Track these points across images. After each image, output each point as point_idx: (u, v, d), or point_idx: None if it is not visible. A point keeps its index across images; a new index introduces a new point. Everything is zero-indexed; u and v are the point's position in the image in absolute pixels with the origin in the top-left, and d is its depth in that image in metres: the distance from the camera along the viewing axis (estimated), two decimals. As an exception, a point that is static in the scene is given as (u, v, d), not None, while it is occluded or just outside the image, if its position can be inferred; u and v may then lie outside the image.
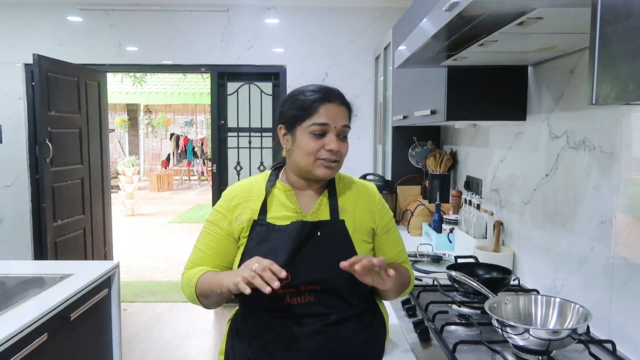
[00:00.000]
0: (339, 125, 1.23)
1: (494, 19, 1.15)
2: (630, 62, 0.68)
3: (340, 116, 1.23)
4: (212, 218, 1.30)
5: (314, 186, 1.29)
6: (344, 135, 1.25)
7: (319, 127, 1.20)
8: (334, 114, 1.22)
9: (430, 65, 1.90)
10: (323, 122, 1.20)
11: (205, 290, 1.21)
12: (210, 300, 1.23)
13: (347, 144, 1.27)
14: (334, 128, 1.22)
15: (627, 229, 1.32)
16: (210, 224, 1.29)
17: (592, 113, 1.51)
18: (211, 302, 1.24)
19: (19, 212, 4.15)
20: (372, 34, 4.14)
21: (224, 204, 1.29)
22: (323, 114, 1.21)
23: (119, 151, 14.15)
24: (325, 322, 1.18)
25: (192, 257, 1.30)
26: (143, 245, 6.80)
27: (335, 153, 1.22)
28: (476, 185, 2.52)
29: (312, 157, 1.21)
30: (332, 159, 1.22)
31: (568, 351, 1.28)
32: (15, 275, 2.06)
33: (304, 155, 1.22)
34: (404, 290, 1.34)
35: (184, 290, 1.28)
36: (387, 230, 1.33)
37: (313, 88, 1.25)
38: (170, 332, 3.80)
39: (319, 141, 1.21)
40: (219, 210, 1.29)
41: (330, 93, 1.24)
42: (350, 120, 1.28)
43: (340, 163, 1.25)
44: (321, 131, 1.21)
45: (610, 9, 0.72)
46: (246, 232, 1.24)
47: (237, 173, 4.39)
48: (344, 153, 1.25)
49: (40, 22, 4.09)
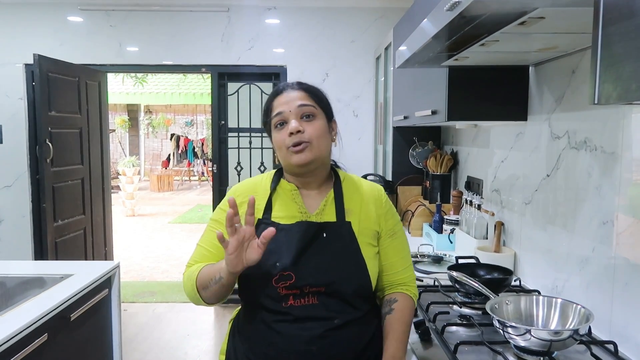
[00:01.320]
0: (294, 107, 1.21)
1: (495, 19, 1.15)
2: (632, 62, 0.67)
3: (295, 98, 1.22)
4: (216, 216, 1.30)
5: (315, 184, 1.28)
6: (306, 114, 1.21)
7: (277, 117, 1.22)
8: (286, 100, 1.22)
9: (431, 65, 1.89)
10: (278, 111, 1.22)
11: (205, 280, 1.18)
12: (209, 292, 1.19)
13: (318, 124, 1.22)
14: (290, 112, 1.21)
15: (629, 229, 1.32)
16: (215, 222, 1.29)
17: (594, 113, 1.51)
18: (211, 294, 1.19)
19: (19, 212, 4.15)
20: (373, 34, 4.14)
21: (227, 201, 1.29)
22: (276, 105, 1.23)
23: (120, 151, 14.16)
24: (328, 326, 1.16)
25: (195, 255, 1.29)
26: (143, 245, 6.80)
27: (297, 135, 1.19)
28: (477, 186, 2.52)
29: (283, 148, 1.21)
30: (297, 141, 1.19)
31: (570, 352, 1.28)
32: (16, 276, 2.06)
33: (279, 151, 1.23)
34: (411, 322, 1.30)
35: (185, 287, 1.25)
36: (392, 234, 1.30)
37: (275, 88, 1.29)
38: (171, 333, 3.80)
39: (283, 131, 1.21)
40: (224, 208, 1.28)
41: (283, 85, 1.27)
42: (315, 101, 1.24)
43: (314, 145, 1.20)
44: (280, 121, 1.22)
45: (613, 9, 0.72)
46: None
47: (237, 173, 4.39)
48: (312, 132, 1.20)
49: (40, 22, 4.08)
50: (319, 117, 1.23)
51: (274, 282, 1.15)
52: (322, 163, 1.26)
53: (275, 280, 1.15)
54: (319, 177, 1.28)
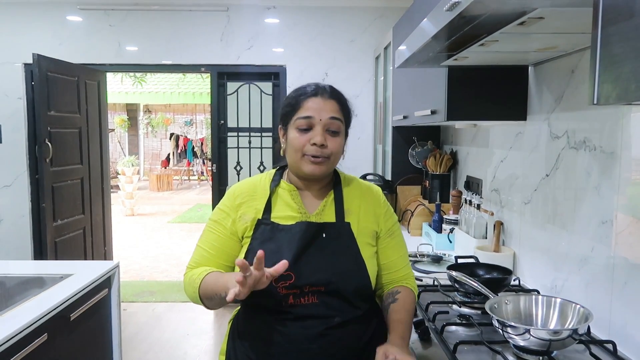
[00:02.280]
0: (325, 117, 1.19)
1: (494, 19, 1.15)
2: (632, 62, 0.67)
3: (327, 109, 1.20)
4: (215, 217, 1.29)
5: (316, 186, 1.28)
6: (333, 129, 1.20)
7: (304, 120, 1.19)
8: (319, 107, 1.20)
9: (430, 65, 1.89)
10: (307, 115, 1.19)
11: (209, 293, 1.17)
12: (214, 302, 1.19)
13: (340, 140, 1.22)
14: (319, 121, 1.19)
15: (628, 229, 1.32)
16: (214, 223, 1.28)
17: (593, 113, 1.51)
18: (215, 304, 1.20)
19: (19, 212, 4.15)
20: (372, 33, 4.14)
21: (228, 202, 1.28)
22: (307, 107, 1.20)
23: (119, 151, 14.15)
24: (328, 324, 1.17)
25: (195, 257, 1.28)
26: (143, 245, 6.80)
27: (320, 148, 1.18)
28: (476, 185, 2.52)
29: (300, 152, 1.20)
30: (318, 154, 1.18)
31: (569, 351, 1.28)
32: (15, 275, 2.06)
33: (293, 152, 1.21)
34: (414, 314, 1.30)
35: (186, 291, 1.25)
36: (390, 234, 1.31)
37: (306, 85, 1.25)
38: (170, 332, 3.80)
39: (306, 136, 1.19)
40: (223, 208, 1.28)
41: (318, 88, 1.23)
42: (344, 116, 1.24)
43: (330, 160, 1.21)
44: (306, 125, 1.19)
45: (612, 9, 0.72)
46: (250, 231, 1.23)
47: (237, 173, 4.39)
48: (334, 149, 1.20)
49: (40, 21, 4.08)
50: (342, 133, 1.24)
51: (274, 282, 1.15)
52: (329, 174, 1.27)
53: (275, 280, 1.15)
54: (322, 181, 1.28)
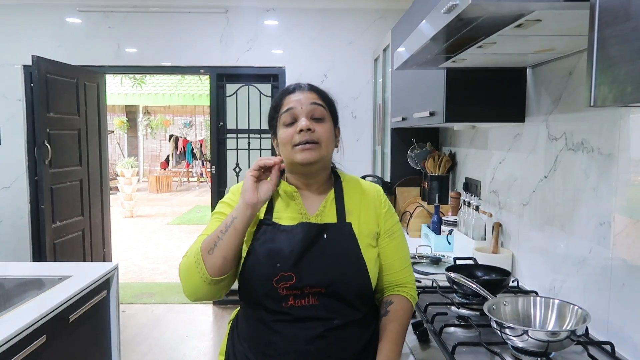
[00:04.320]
0: (306, 104, 1.22)
1: (492, 21, 1.16)
2: (628, 64, 0.68)
3: (307, 98, 1.23)
4: (219, 209, 1.30)
5: (316, 185, 1.28)
6: (317, 116, 1.22)
7: (287, 113, 1.22)
8: (298, 98, 1.23)
9: (429, 66, 1.90)
10: (288, 107, 1.22)
11: (211, 240, 1.15)
12: (217, 252, 1.14)
13: (327, 126, 1.23)
14: (301, 109, 1.21)
15: (626, 230, 1.32)
16: (219, 214, 1.28)
17: (591, 115, 1.51)
18: (218, 254, 1.14)
19: (18, 214, 4.15)
20: (371, 35, 4.15)
21: (232, 197, 1.29)
22: (287, 102, 1.24)
23: (118, 152, 14.14)
24: (328, 326, 1.17)
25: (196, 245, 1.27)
26: (142, 246, 6.79)
27: (308, 133, 1.19)
28: (475, 187, 2.53)
29: (289, 145, 1.21)
30: (306, 140, 1.19)
31: (567, 353, 1.29)
32: (14, 277, 2.06)
33: (284, 147, 1.23)
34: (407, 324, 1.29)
35: (184, 269, 1.19)
36: (390, 234, 1.30)
37: (285, 86, 1.30)
38: (169, 334, 3.80)
39: (292, 128, 1.21)
40: (228, 202, 1.29)
41: (296, 85, 1.27)
42: (325, 103, 1.25)
43: (321, 146, 1.21)
44: (291, 118, 1.22)
45: (609, 11, 0.72)
46: (252, 229, 1.23)
47: (236, 174, 4.39)
48: (322, 133, 1.21)
49: (39, 23, 4.08)
50: (327, 120, 1.25)
51: (275, 283, 1.15)
52: (324, 165, 1.27)
53: (276, 280, 1.16)
54: (320, 179, 1.28)
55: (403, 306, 1.27)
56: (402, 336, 1.24)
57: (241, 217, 1.15)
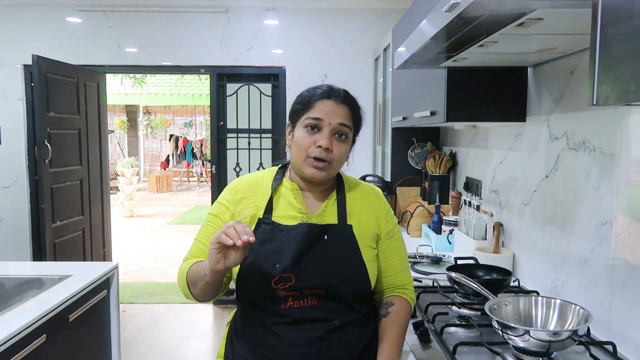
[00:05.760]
0: (334, 122, 1.19)
1: (494, 20, 1.15)
2: (631, 63, 0.68)
3: (338, 114, 1.20)
4: (214, 211, 1.28)
5: (319, 188, 1.27)
6: (340, 134, 1.20)
7: (312, 121, 1.19)
8: (330, 110, 1.19)
9: (429, 66, 1.89)
10: (316, 116, 1.19)
11: (194, 277, 1.18)
12: (197, 289, 1.18)
13: (345, 147, 1.22)
14: (328, 124, 1.19)
15: (627, 230, 1.32)
16: (213, 217, 1.27)
17: (592, 114, 1.51)
18: (199, 291, 1.19)
19: (18, 213, 4.14)
20: (372, 35, 4.14)
21: (228, 196, 1.27)
22: (318, 109, 1.20)
23: (118, 152, 14.15)
24: (328, 327, 1.16)
25: (192, 250, 1.28)
26: (142, 246, 6.79)
27: (325, 152, 1.18)
28: (476, 187, 2.52)
29: (304, 153, 1.19)
30: (322, 158, 1.18)
31: (568, 353, 1.28)
32: (14, 277, 2.06)
33: (297, 151, 1.21)
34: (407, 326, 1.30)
35: (178, 281, 1.25)
36: (390, 236, 1.30)
37: (320, 85, 1.25)
38: (169, 334, 3.80)
39: (312, 137, 1.19)
40: (223, 202, 1.27)
41: (331, 91, 1.23)
42: (353, 123, 1.24)
43: (332, 165, 1.21)
44: (314, 125, 1.19)
45: (611, 10, 0.72)
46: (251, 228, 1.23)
47: (236, 174, 4.39)
48: (338, 155, 1.20)
49: (39, 23, 4.08)
50: (348, 140, 1.23)
51: (273, 284, 1.15)
52: (330, 179, 1.27)
53: (274, 281, 1.15)
54: (324, 183, 1.27)
55: (403, 308, 1.27)
56: (403, 337, 1.24)
57: (210, 276, 1.12)
